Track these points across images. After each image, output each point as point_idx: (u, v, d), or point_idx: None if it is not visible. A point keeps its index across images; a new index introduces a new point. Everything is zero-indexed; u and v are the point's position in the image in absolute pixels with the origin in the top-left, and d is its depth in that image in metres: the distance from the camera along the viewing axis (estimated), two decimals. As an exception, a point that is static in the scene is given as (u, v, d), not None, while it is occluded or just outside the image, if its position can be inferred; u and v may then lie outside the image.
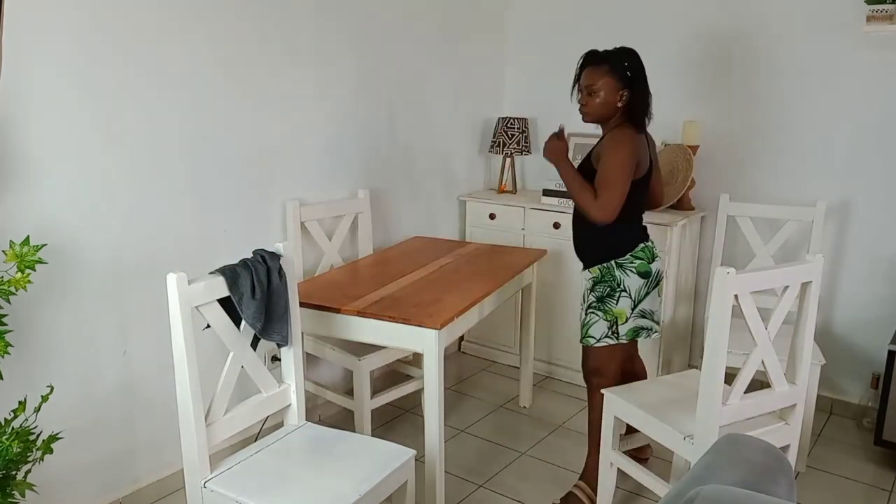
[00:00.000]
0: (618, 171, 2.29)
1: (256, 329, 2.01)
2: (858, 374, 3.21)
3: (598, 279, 2.44)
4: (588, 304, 2.48)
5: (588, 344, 2.49)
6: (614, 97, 2.37)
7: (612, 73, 2.36)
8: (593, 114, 2.42)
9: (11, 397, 1.97)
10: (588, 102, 2.41)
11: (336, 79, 3.04)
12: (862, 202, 3.13)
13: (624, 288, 2.42)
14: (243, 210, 2.73)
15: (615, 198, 2.28)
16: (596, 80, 2.37)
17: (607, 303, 2.43)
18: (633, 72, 2.38)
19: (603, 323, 2.44)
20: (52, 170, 2.13)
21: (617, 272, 2.42)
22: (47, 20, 2.06)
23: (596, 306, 2.45)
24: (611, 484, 2.45)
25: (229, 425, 2.00)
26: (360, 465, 1.98)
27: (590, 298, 2.48)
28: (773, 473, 1.27)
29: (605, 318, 2.44)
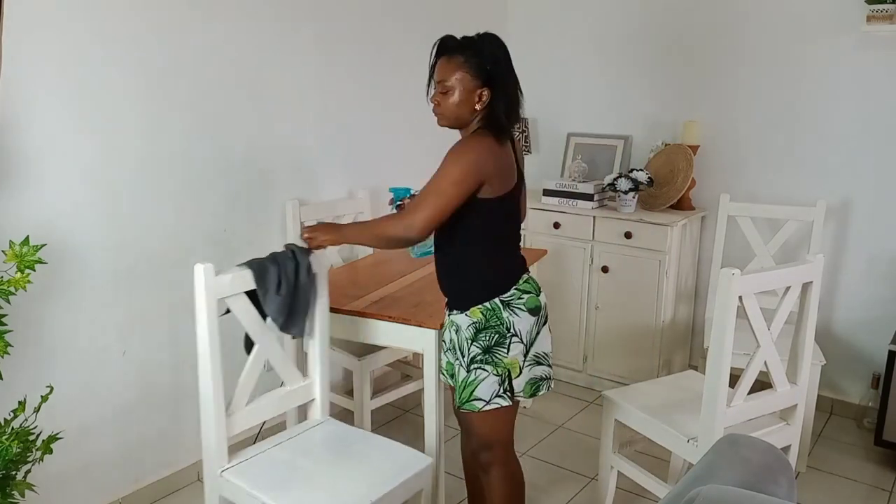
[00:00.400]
0: (443, 184, 1.84)
1: (278, 323, 2.01)
2: (858, 374, 3.21)
3: (482, 325, 1.92)
4: (470, 357, 1.93)
5: (473, 409, 1.95)
6: (471, 97, 1.89)
7: (467, 66, 1.88)
8: (448, 116, 1.94)
9: (11, 397, 1.97)
10: (441, 102, 1.93)
11: (336, 78, 3.03)
12: (862, 202, 3.13)
13: (514, 332, 1.94)
14: (243, 210, 2.73)
15: (427, 212, 1.83)
16: (448, 74, 1.89)
17: (496, 353, 1.92)
18: (493, 64, 1.89)
19: (493, 379, 1.93)
20: (52, 170, 2.13)
21: (504, 313, 1.93)
22: (47, 20, 2.06)
23: (482, 359, 1.92)
24: (610, 485, 2.44)
25: (251, 416, 2.02)
26: (376, 468, 1.95)
27: (472, 350, 1.93)
28: (773, 473, 1.27)
29: (494, 371, 1.92)
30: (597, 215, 3.37)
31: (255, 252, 2.78)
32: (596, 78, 3.75)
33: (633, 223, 3.28)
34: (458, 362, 1.97)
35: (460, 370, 1.96)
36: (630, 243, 3.29)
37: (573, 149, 3.78)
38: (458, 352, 1.97)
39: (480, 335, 1.93)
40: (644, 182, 3.30)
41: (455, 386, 2.00)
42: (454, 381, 2.01)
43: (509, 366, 1.94)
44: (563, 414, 3.27)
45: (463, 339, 1.95)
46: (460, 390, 1.97)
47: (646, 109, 3.62)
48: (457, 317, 1.98)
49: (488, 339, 1.93)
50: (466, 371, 1.95)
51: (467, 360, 1.95)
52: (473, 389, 1.94)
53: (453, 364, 2.01)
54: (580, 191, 3.44)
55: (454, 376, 2.02)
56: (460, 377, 1.96)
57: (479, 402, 1.94)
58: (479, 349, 1.93)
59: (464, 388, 1.96)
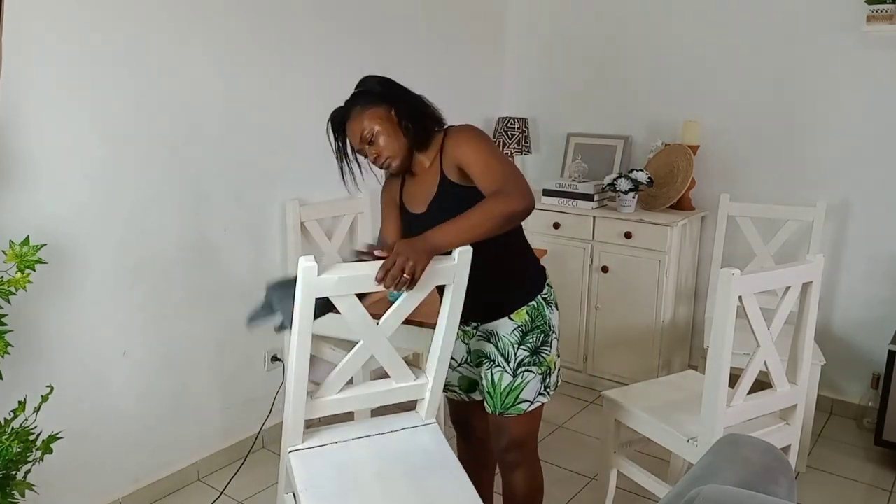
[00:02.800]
0: (498, 152, 1.81)
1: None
2: (858, 374, 3.21)
3: (528, 326, 1.90)
4: (518, 362, 1.89)
5: (519, 412, 1.91)
6: (393, 123, 1.83)
7: (368, 107, 1.83)
8: (394, 152, 1.83)
9: (11, 397, 1.97)
10: (377, 151, 1.83)
11: (336, 78, 3.02)
12: (862, 202, 3.13)
13: (553, 329, 1.95)
14: (243, 210, 2.73)
15: (521, 176, 1.76)
16: (360, 126, 1.82)
17: (542, 353, 1.91)
18: (381, 86, 1.87)
19: (537, 378, 1.91)
20: (52, 170, 2.13)
21: (546, 311, 1.93)
22: (47, 20, 2.06)
23: (529, 361, 1.89)
24: (611, 485, 2.44)
25: (339, 404, 1.80)
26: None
27: (519, 354, 1.89)
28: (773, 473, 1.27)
29: (538, 371, 1.91)
30: (597, 215, 3.37)
31: (256, 252, 2.80)
32: (596, 78, 3.75)
33: (632, 223, 3.28)
34: (500, 369, 1.90)
35: (503, 376, 1.89)
36: (630, 243, 3.29)
37: (573, 149, 3.78)
38: (496, 360, 1.91)
39: (527, 337, 1.89)
40: (644, 182, 3.30)
41: (492, 393, 1.92)
42: (484, 391, 1.95)
43: (551, 363, 1.94)
44: (563, 414, 3.27)
45: (506, 345, 1.89)
46: (503, 396, 1.90)
47: (646, 109, 3.62)
48: (495, 325, 1.90)
49: (535, 340, 1.90)
50: (513, 376, 1.89)
51: (514, 365, 1.89)
52: (519, 393, 1.90)
53: (478, 375, 1.97)
54: (580, 191, 3.44)
55: (477, 388, 2.01)
56: (503, 383, 1.89)
57: (524, 403, 1.90)
58: (527, 351, 1.89)
59: (508, 394, 1.90)
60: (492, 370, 1.92)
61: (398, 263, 1.55)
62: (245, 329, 2.76)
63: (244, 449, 2.83)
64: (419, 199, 1.89)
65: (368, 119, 1.81)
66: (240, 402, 2.84)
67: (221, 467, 2.77)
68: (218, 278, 2.66)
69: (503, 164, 1.76)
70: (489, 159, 1.76)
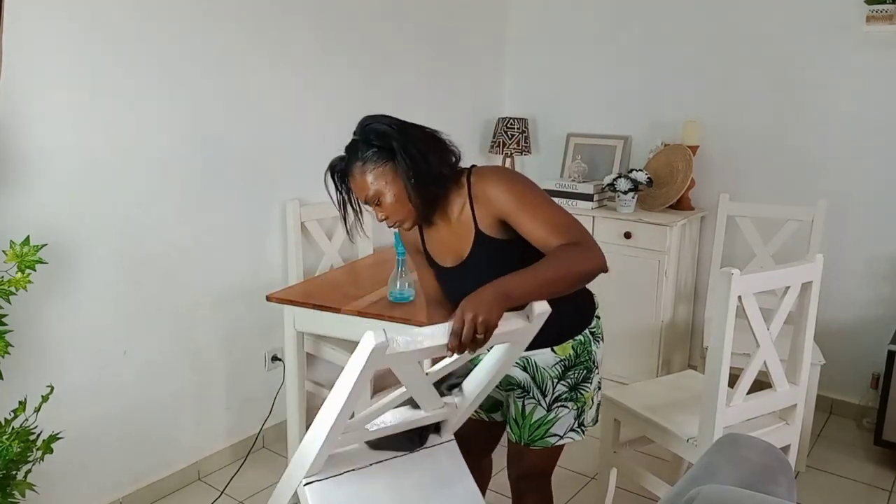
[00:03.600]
0: (548, 198, 1.62)
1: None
2: (858, 374, 3.21)
3: (571, 362, 1.75)
4: (554, 397, 1.75)
5: (547, 445, 1.78)
6: (398, 181, 1.60)
7: (369, 163, 1.62)
8: (404, 214, 1.64)
9: (11, 397, 1.97)
10: (388, 214, 1.65)
11: (336, 78, 3.04)
12: (862, 202, 3.13)
13: (597, 364, 1.80)
14: (244, 210, 2.73)
15: (583, 228, 1.58)
16: (366, 187, 1.63)
17: (581, 389, 1.77)
18: (380, 138, 1.62)
19: (571, 414, 1.77)
20: (52, 170, 2.13)
21: (592, 346, 1.78)
22: (47, 20, 2.06)
23: (567, 397, 1.75)
24: (610, 485, 2.44)
25: (367, 435, 1.66)
26: None
27: (558, 390, 1.75)
28: (773, 473, 1.27)
29: (574, 407, 1.77)
30: (596, 215, 3.37)
31: (256, 252, 2.80)
32: (596, 78, 3.75)
33: (632, 223, 3.28)
34: (533, 401, 1.76)
35: (536, 409, 1.76)
36: (629, 243, 3.29)
37: (573, 149, 3.78)
38: (530, 391, 1.76)
39: (569, 373, 1.74)
40: (643, 182, 3.30)
41: (520, 423, 1.78)
42: (510, 418, 1.81)
43: (588, 399, 1.79)
44: (563, 414, 3.26)
45: (545, 378, 1.74)
46: (532, 429, 1.77)
47: (646, 109, 3.62)
48: (535, 353, 1.73)
49: (576, 376, 1.75)
50: (547, 410, 1.76)
51: (550, 400, 1.75)
52: (550, 427, 1.77)
53: (505, 399, 1.85)
54: (580, 191, 3.44)
55: (500, 409, 1.90)
56: (535, 416, 1.76)
57: (553, 437, 1.77)
58: (566, 387, 1.75)
59: (538, 427, 1.77)
60: (524, 400, 1.77)
61: (468, 324, 1.32)
62: (245, 329, 2.77)
63: (245, 448, 2.83)
64: (449, 251, 1.70)
65: (372, 179, 1.61)
66: (240, 402, 2.84)
67: (222, 467, 2.77)
68: (218, 278, 2.66)
69: (564, 215, 1.56)
70: (544, 209, 1.56)
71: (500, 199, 1.58)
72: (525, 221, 1.55)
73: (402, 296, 2.43)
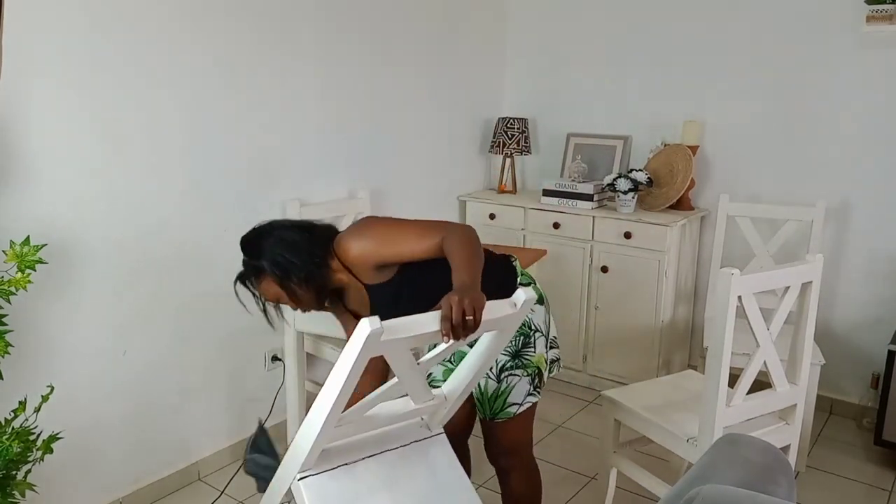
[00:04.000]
0: (397, 221, 1.79)
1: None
2: (858, 374, 3.21)
3: None
4: (500, 367, 1.87)
5: (509, 416, 1.89)
6: (279, 288, 1.79)
7: (254, 276, 1.82)
8: (307, 304, 1.82)
9: (11, 397, 1.97)
10: (293, 306, 1.83)
11: (336, 78, 3.04)
12: (862, 202, 3.13)
13: (535, 327, 1.91)
14: (244, 210, 2.73)
15: (438, 221, 1.77)
16: (265, 294, 1.83)
17: (524, 355, 1.89)
18: (250, 257, 1.84)
19: (525, 380, 1.89)
20: (52, 170, 2.13)
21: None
22: (47, 20, 2.06)
23: (512, 365, 1.87)
24: (610, 485, 2.44)
25: (360, 427, 1.68)
26: None
27: (500, 360, 1.87)
28: (773, 473, 1.27)
29: (525, 373, 1.89)
30: (596, 215, 3.37)
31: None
32: (596, 78, 3.75)
33: (632, 223, 3.28)
34: (484, 377, 1.87)
35: (488, 382, 1.87)
36: (629, 243, 3.29)
37: (573, 149, 3.78)
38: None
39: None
40: (643, 182, 3.30)
41: (482, 399, 1.90)
42: (476, 397, 1.92)
43: (538, 363, 1.90)
44: (563, 414, 3.27)
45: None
46: (491, 402, 1.89)
47: (646, 109, 3.62)
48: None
49: (514, 343, 1.87)
50: (497, 381, 1.87)
51: (496, 371, 1.87)
52: (506, 397, 1.88)
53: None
54: (580, 191, 3.44)
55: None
56: (489, 390, 1.88)
57: (513, 406, 1.89)
58: (508, 356, 1.87)
59: (495, 399, 1.88)
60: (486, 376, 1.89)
61: (456, 309, 1.40)
62: (245, 329, 2.77)
63: (245, 448, 2.82)
64: (361, 306, 1.86)
65: (264, 289, 1.81)
66: (240, 402, 2.84)
67: (222, 467, 2.77)
68: (218, 278, 2.66)
69: (421, 223, 1.74)
70: (405, 233, 1.73)
71: (366, 255, 1.74)
72: (400, 253, 1.73)
73: None
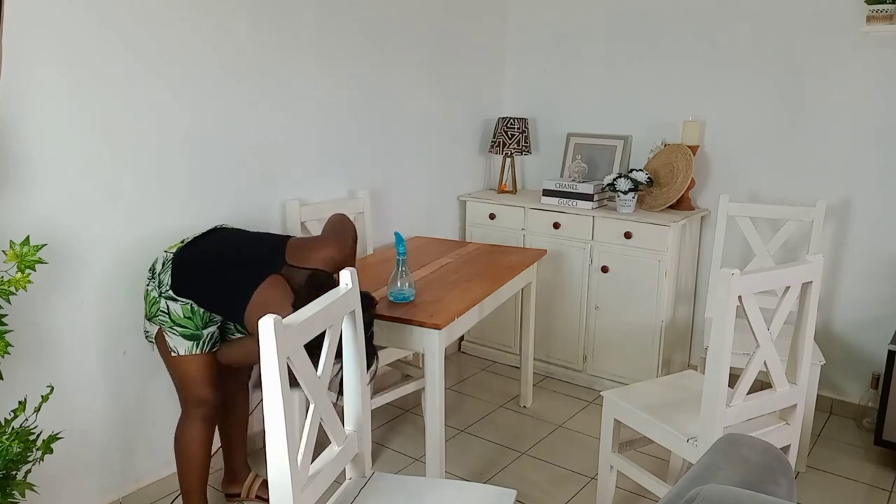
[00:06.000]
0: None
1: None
2: (858, 374, 3.21)
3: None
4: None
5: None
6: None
7: None
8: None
9: (11, 397, 1.97)
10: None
11: (336, 78, 3.04)
12: (862, 202, 3.13)
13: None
14: (244, 210, 2.73)
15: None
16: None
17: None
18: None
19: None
20: (52, 169, 2.13)
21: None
22: (47, 20, 2.06)
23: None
24: (610, 485, 2.45)
25: (314, 490, 1.60)
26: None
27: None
28: (773, 473, 1.27)
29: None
30: (596, 215, 3.38)
31: (255, 252, 2.79)
32: (596, 78, 3.76)
33: (632, 223, 3.28)
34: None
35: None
36: (629, 243, 3.29)
37: (573, 149, 3.78)
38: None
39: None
40: (644, 182, 3.30)
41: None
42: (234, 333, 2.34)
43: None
44: (563, 414, 3.27)
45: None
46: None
47: (646, 109, 3.62)
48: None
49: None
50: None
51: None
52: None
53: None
54: (580, 191, 3.44)
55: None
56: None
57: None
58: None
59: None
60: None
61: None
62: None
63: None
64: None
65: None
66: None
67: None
68: (218, 278, 2.66)
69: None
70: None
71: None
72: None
73: (402, 295, 2.43)
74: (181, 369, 2.22)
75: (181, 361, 2.20)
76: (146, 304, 2.21)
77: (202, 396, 2.24)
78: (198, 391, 2.23)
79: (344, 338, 1.76)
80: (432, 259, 3.02)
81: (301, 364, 1.51)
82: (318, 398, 1.59)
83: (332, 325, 1.64)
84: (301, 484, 1.51)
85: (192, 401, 2.25)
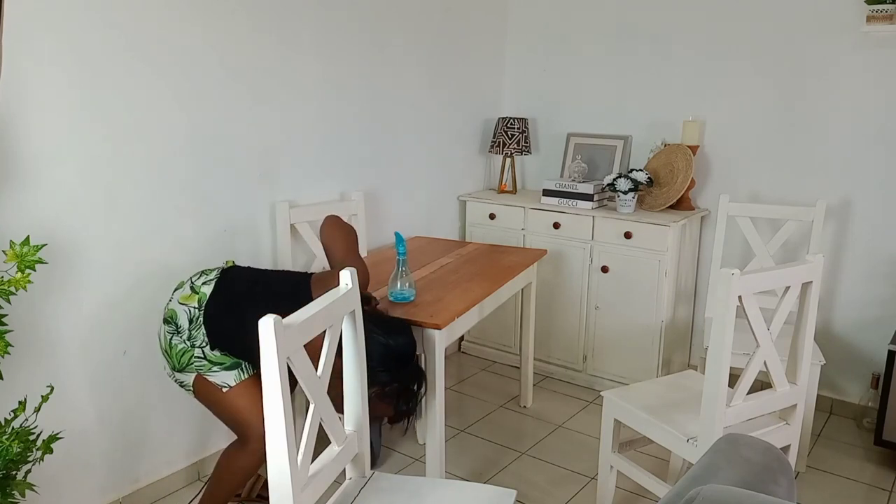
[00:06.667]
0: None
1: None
2: (858, 374, 3.21)
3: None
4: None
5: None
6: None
7: None
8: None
9: (11, 397, 1.97)
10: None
11: (335, 78, 3.03)
12: (862, 202, 3.13)
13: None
14: (244, 210, 2.73)
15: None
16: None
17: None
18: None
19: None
20: (52, 169, 2.13)
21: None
22: (47, 20, 2.06)
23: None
24: (610, 485, 2.45)
25: (314, 490, 1.61)
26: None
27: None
28: (773, 473, 1.27)
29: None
30: (596, 215, 3.38)
31: (254, 252, 2.79)
32: (596, 78, 3.76)
33: (632, 223, 3.28)
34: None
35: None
36: (629, 243, 3.29)
37: (573, 149, 3.78)
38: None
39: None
40: (643, 182, 3.30)
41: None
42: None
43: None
44: (563, 414, 3.27)
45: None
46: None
47: (646, 109, 3.62)
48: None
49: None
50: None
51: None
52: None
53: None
54: (580, 191, 3.44)
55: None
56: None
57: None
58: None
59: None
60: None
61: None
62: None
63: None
64: None
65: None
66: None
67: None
68: (218, 278, 2.66)
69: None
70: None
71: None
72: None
73: (402, 295, 2.43)
74: (237, 405, 2.14)
75: (235, 396, 2.14)
76: (171, 357, 2.16)
77: (264, 431, 2.13)
78: (261, 425, 2.01)
79: (344, 338, 1.76)
80: (432, 259, 3.02)
81: (301, 364, 1.51)
82: (318, 398, 1.59)
83: (331, 325, 1.64)
84: (301, 484, 1.52)
85: (255, 438, 2.12)
